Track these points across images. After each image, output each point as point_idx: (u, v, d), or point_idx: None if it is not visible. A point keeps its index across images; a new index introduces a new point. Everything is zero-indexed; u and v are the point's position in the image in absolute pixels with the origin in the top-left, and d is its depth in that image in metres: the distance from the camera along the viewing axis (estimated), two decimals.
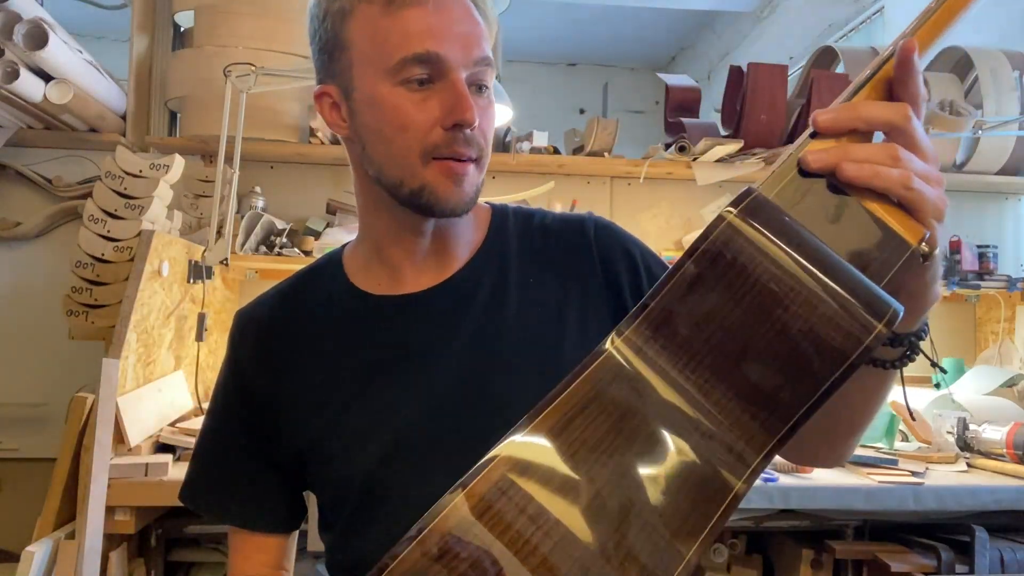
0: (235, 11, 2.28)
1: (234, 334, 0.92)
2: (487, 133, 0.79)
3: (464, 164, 0.77)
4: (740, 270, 0.54)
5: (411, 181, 0.77)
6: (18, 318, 2.36)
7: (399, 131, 0.76)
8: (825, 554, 1.86)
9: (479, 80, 0.78)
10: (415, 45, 0.74)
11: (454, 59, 0.75)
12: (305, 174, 2.53)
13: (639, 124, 5.15)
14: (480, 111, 0.77)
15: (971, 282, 2.45)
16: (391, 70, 0.75)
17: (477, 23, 0.78)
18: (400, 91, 0.76)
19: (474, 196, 0.80)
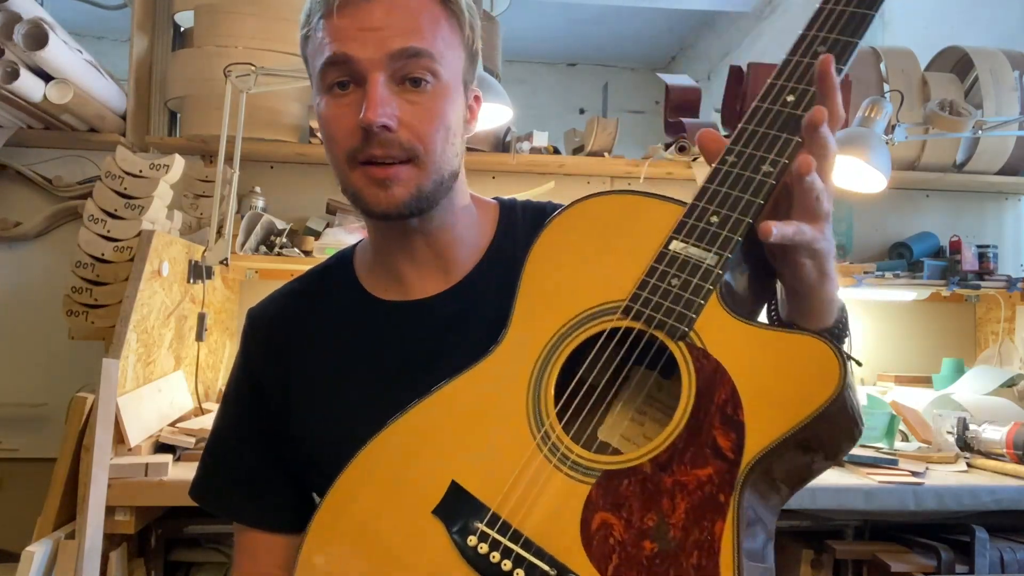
0: (235, 11, 2.28)
1: (246, 331, 0.92)
2: (420, 130, 0.76)
3: (386, 168, 0.76)
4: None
5: (347, 187, 0.80)
6: (18, 318, 2.36)
7: (330, 140, 0.79)
8: (825, 554, 1.86)
9: (408, 74, 0.76)
10: (326, 51, 0.76)
11: (365, 57, 0.74)
12: (305, 174, 2.53)
13: (639, 124, 5.15)
14: (412, 108, 0.75)
15: (971, 282, 2.45)
16: (318, 80, 0.78)
17: (406, 16, 0.75)
18: (328, 100, 0.78)
19: (413, 198, 0.78)
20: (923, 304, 2.68)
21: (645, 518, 0.61)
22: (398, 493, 0.70)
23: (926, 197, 2.78)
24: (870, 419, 2.10)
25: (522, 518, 0.65)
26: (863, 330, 2.72)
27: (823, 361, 0.61)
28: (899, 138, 2.14)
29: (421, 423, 0.72)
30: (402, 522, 0.69)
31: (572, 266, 0.74)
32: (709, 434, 0.62)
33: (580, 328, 0.70)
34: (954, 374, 2.49)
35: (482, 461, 0.69)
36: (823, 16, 0.76)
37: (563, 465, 0.65)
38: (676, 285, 0.67)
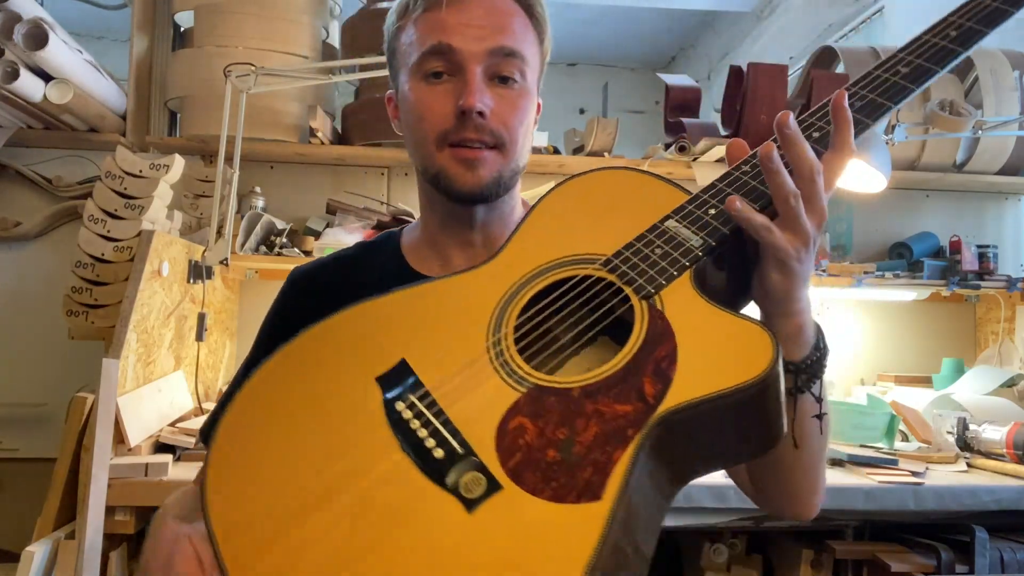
0: (235, 11, 2.28)
1: (285, 287, 0.98)
2: (508, 121, 0.84)
3: (476, 151, 0.83)
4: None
5: (431, 167, 0.86)
6: (18, 318, 2.36)
7: (419, 121, 0.85)
8: (825, 554, 1.86)
9: (499, 71, 0.83)
10: (430, 40, 0.83)
11: (466, 50, 0.82)
12: (305, 174, 2.53)
13: (639, 124, 5.15)
14: (501, 100, 0.83)
15: (971, 282, 2.45)
16: (414, 67, 0.84)
17: (503, 17, 0.84)
18: (421, 85, 0.84)
19: (494, 181, 0.85)
20: (923, 304, 2.68)
21: (557, 431, 0.67)
22: (351, 356, 0.76)
23: (926, 197, 2.78)
24: (870, 419, 2.10)
25: (450, 402, 0.70)
26: (863, 330, 2.72)
27: (759, 348, 0.66)
28: (899, 138, 2.14)
29: (393, 307, 0.79)
30: (345, 379, 0.74)
31: (572, 220, 0.80)
32: (639, 379, 0.68)
33: (560, 268, 0.76)
34: (954, 374, 2.49)
35: (434, 352, 0.75)
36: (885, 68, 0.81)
37: (502, 370, 0.71)
38: (658, 254, 0.73)
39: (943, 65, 0.78)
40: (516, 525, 0.63)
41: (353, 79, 2.48)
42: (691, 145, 2.42)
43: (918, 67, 0.78)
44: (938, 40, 0.79)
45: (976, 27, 0.78)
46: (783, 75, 2.47)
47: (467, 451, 0.67)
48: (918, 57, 0.79)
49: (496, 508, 0.64)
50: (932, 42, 0.79)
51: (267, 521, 0.67)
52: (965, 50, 0.78)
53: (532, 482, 0.64)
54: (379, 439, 0.70)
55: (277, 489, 0.69)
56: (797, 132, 0.70)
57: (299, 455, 0.70)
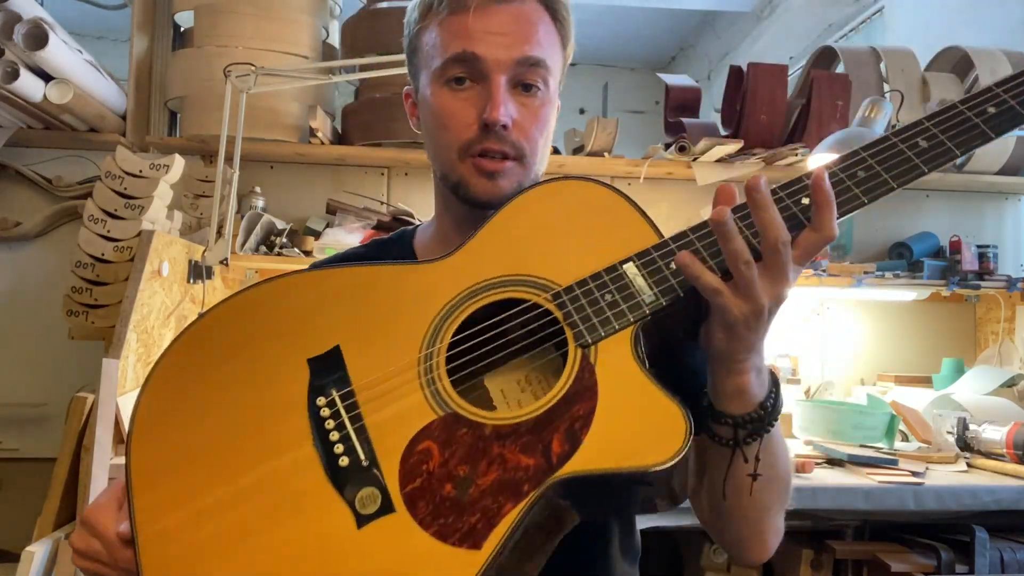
0: (235, 11, 2.28)
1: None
2: (529, 132, 0.84)
3: (497, 162, 0.83)
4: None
5: (452, 175, 0.86)
6: (18, 318, 2.36)
7: (441, 128, 0.85)
8: (825, 554, 1.86)
9: (524, 80, 0.83)
10: (455, 46, 0.82)
11: (492, 58, 0.81)
12: (305, 174, 2.53)
13: (639, 124, 5.15)
14: (524, 111, 0.83)
15: (971, 282, 2.45)
16: (437, 71, 0.84)
17: (529, 25, 0.83)
18: (444, 91, 0.84)
19: (514, 192, 0.83)
20: (923, 304, 2.68)
21: (459, 466, 0.68)
22: (291, 328, 0.77)
23: (926, 197, 2.78)
24: (870, 419, 2.10)
25: (372, 410, 0.72)
26: (863, 330, 2.73)
27: (671, 434, 0.66)
28: None
29: (342, 284, 0.79)
30: (280, 351, 0.76)
31: (535, 233, 0.78)
32: (550, 434, 0.68)
33: (510, 287, 0.75)
34: (954, 374, 2.49)
35: (369, 347, 0.75)
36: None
37: (427, 388, 0.72)
38: (607, 301, 0.72)
39: (942, 159, 0.71)
40: (396, 553, 0.66)
41: (353, 79, 2.48)
42: (691, 145, 2.42)
43: (927, 151, 0.72)
44: (951, 127, 0.72)
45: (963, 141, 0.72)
46: (783, 75, 2.47)
47: (371, 464, 0.69)
48: (927, 139, 0.72)
49: (383, 530, 0.67)
50: (936, 132, 0.72)
51: (179, 482, 0.71)
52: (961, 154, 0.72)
53: (423, 513, 0.66)
54: (296, 426, 0.72)
55: (196, 449, 0.72)
56: (766, 198, 0.68)
57: (222, 420, 0.73)
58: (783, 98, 2.46)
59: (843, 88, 2.46)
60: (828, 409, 2.19)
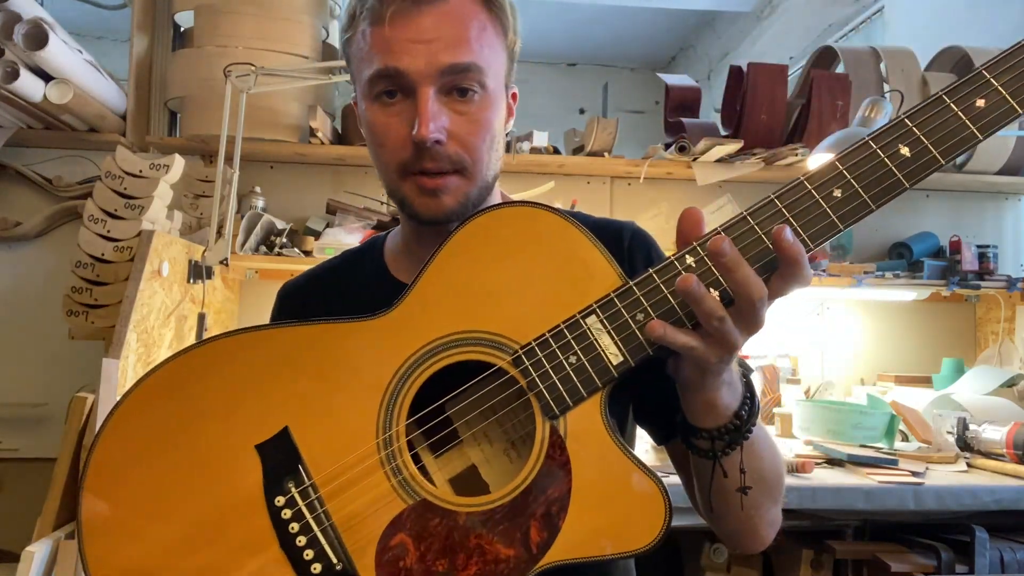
0: (235, 11, 2.28)
1: (275, 306, 0.97)
2: (468, 141, 0.78)
3: (437, 179, 0.78)
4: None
5: (396, 193, 0.82)
6: (18, 318, 2.36)
7: (378, 147, 0.80)
8: (825, 554, 1.86)
9: (457, 85, 0.77)
10: (376, 62, 0.76)
11: (415, 71, 0.75)
12: (305, 174, 2.53)
13: (639, 124, 5.15)
14: (460, 119, 0.77)
15: (971, 282, 2.45)
16: (366, 87, 0.79)
17: (456, 25, 0.76)
18: (376, 107, 0.79)
19: (461, 206, 0.80)
20: (923, 304, 2.68)
21: (438, 561, 0.65)
22: (234, 406, 0.69)
23: (926, 197, 2.78)
24: (870, 419, 2.10)
25: (337, 505, 0.67)
26: (863, 330, 2.72)
27: (650, 516, 0.64)
28: None
29: (283, 348, 0.71)
30: (224, 434, 0.69)
31: (491, 272, 0.70)
32: (527, 521, 0.65)
33: (465, 347, 0.69)
34: (954, 374, 2.49)
35: (321, 425, 0.69)
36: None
37: (392, 476, 0.67)
38: (572, 364, 0.67)
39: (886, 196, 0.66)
40: None
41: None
42: (691, 145, 2.42)
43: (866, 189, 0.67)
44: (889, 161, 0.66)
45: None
46: (783, 75, 2.47)
47: (345, 567, 0.66)
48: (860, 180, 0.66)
49: None
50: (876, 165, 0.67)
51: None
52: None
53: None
54: (259, 527, 0.67)
55: (160, 554, 0.67)
56: (734, 258, 0.64)
57: (178, 522, 0.67)
58: (783, 98, 2.46)
59: (843, 88, 2.46)
60: (828, 409, 2.19)
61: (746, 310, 0.65)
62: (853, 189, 0.65)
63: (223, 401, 0.70)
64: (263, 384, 0.70)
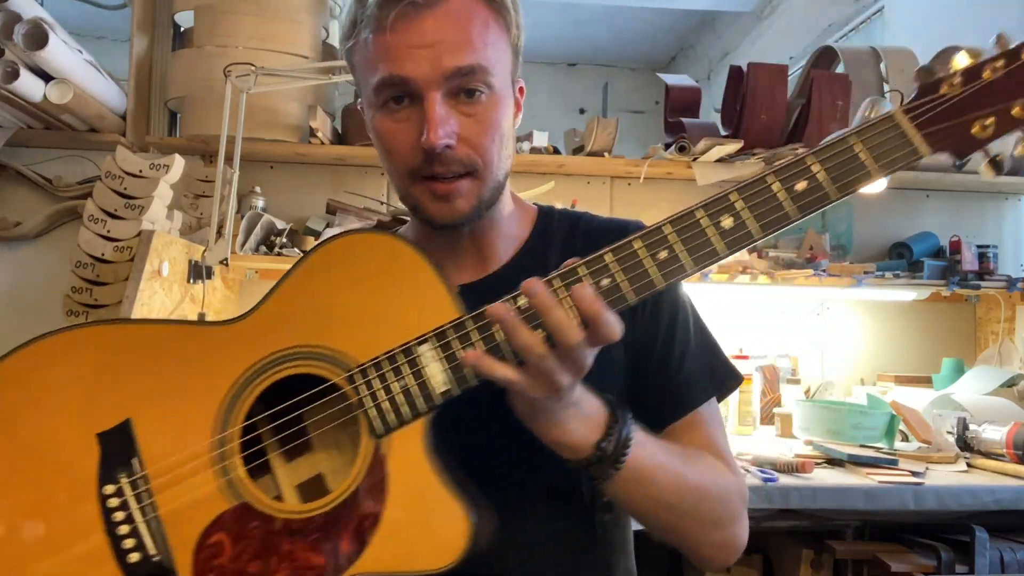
0: (235, 11, 2.28)
1: None
2: (478, 142, 0.78)
3: (448, 183, 0.78)
4: None
5: (407, 198, 0.82)
6: (18, 318, 2.36)
7: (388, 154, 0.81)
8: (825, 554, 1.86)
9: (464, 87, 0.77)
10: (381, 70, 0.76)
11: (420, 77, 0.75)
12: (305, 174, 2.53)
13: (639, 124, 5.15)
14: (468, 121, 0.77)
15: (971, 282, 2.45)
16: (372, 96, 0.79)
17: (458, 27, 0.75)
18: (383, 115, 0.79)
19: (474, 208, 0.81)
20: (923, 304, 2.68)
21: (251, 563, 0.68)
22: (81, 393, 0.73)
23: (926, 197, 2.78)
24: (870, 419, 2.10)
25: (166, 498, 0.70)
26: (863, 330, 2.72)
27: (452, 538, 0.67)
28: None
29: (139, 343, 0.74)
30: (69, 421, 0.72)
31: (342, 293, 0.73)
32: (339, 533, 0.68)
33: (308, 360, 0.72)
34: (954, 374, 2.49)
35: (162, 420, 0.72)
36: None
37: (221, 476, 0.70)
38: (399, 388, 0.69)
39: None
40: None
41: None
42: (691, 145, 2.42)
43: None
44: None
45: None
46: (783, 75, 2.47)
47: (162, 558, 0.69)
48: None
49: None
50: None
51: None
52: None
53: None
54: (87, 513, 0.70)
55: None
56: (546, 302, 0.65)
57: (8, 502, 0.71)
58: (783, 98, 2.46)
59: (843, 88, 2.46)
60: (828, 409, 2.19)
61: (564, 353, 0.65)
62: (678, 251, 0.69)
63: (73, 389, 0.73)
64: (116, 376, 0.73)
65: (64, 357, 0.74)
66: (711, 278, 2.30)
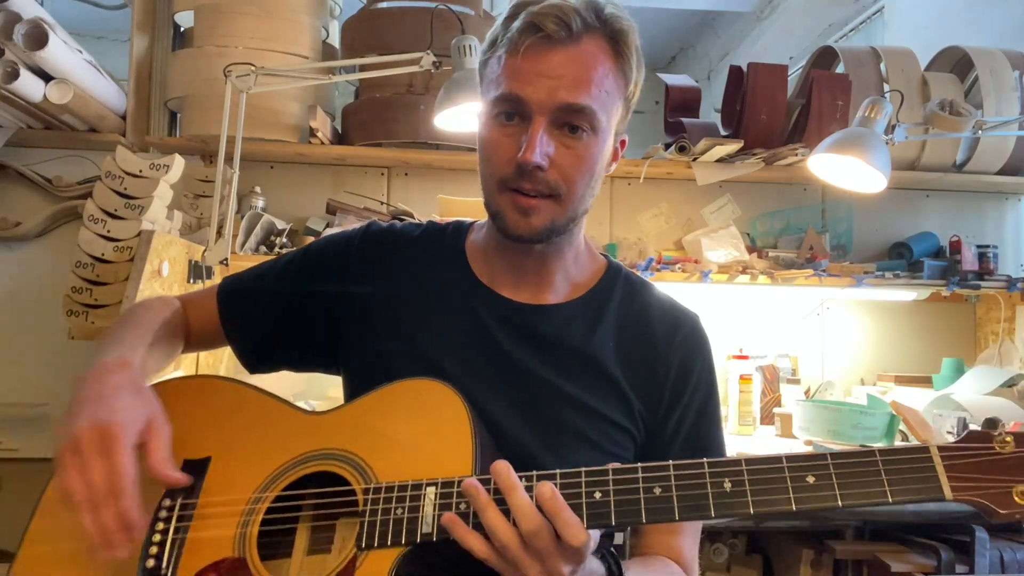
0: (235, 11, 2.28)
1: (358, 236, 1.02)
2: (569, 174, 0.85)
3: (531, 199, 0.85)
4: None
5: (492, 204, 0.89)
6: (18, 318, 2.36)
7: (485, 160, 0.88)
8: (825, 554, 1.86)
9: (569, 122, 0.83)
10: (503, 86, 0.85)
11: (535, 101, 0.83)
12: (305, 174, 2.53)
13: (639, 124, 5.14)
14: (565, 152, 0.84)
15: (971, 282, 2.45)
16: (489, 105, 0.87)
17: (583, 67, 0.83)
18: (492, 123, 0.87)
19: (547, 229, 0.87)
20: (923, 304, 2.68)
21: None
22: (188, 425, 0.87)
23: (926, 197, 2.78)
24: (870, 419, 2.10)
25: (197, 526, 0.82)
26: (863, 330, 2.73)
27: None
28: (899, 138, 2.14)
29: (246, 403, 0.91)
30: (175, 444, 0.83)
31: (391, 420, 0.84)
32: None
33: (344, 464, 0.82)
34: (954, 374, 2.49)
35: (231, 466, 0.86)
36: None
37: (240, 527, 0.81)
38: (396, 514, 0.76)
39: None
40: None
41: (353, 79, 2.48)
42: (691, 145, 2.42)
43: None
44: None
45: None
46: (783, 75, 2.47)
47: (167, 575, 0.79)
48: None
49: None
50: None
51: (61, 523, 0.85)
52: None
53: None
54: (143, 516, 0.78)
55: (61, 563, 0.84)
56: (509, 482, 0.68)
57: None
58: (783, 98, 2.46)
59: (843, 88, 2.46)
60: (828, 409, 2.19)
61: (529, 542, 0.67)
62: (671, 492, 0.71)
63: (187, 420, 0.88)
64: (217, 422, 0.90)
65: (191, 394, 0.92)
66: (712, 278, 2.30)
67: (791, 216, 2.69)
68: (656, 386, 0.92)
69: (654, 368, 0.92)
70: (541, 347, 0.91)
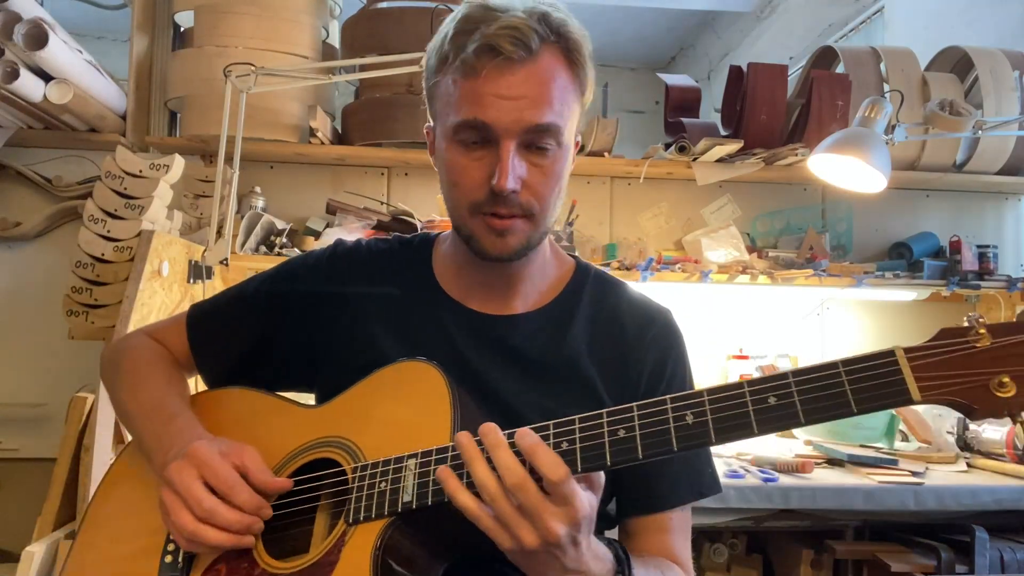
0: (235, 11, 2.28)
1: (326, 253, 1.02)
2: (540, 192, 0.85)
3: (506, 221, 0.84)
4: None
5: (463, 228, 0.88)
6: (18, 318, 2.36)
7: (453, 185, 0.87)
8: (825, 554, 1.86)
9: (536, 143, 0.83)
10: (466, 111, 0.82)
11: (501, 126, 0.82)
12: (305, 174, 2.53)
13: (639, 124, 5.15)
14: (535, 171, 0.84)
15: (971, 282, 2.45)
16: (449, 130, 0.85)
17: (543, 85, 0.82)
18: (457, 149, 0.85)
19: (523, 246, 0.87)
20: (923, 304, 2.68)
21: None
22: (215, 423, 0.93)
23: (926, 197, 2.78)
24: (870, 419, 2.10)
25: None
26: (863, 330, 2.72)
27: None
28: (899, 138, 2.14)
29: (256, 403, 0.96)
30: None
31: (381, 403, 0.86)
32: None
33: (339, 449, 0.86)
34: None
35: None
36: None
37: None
38: (379, 489, 0.77)
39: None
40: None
41: (353, 79, 2.48)
42: (691, 145, 2.42)
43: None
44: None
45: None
46: (783, 75, 2.47)
47: (184, 567, 0.83)
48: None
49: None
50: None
51: (104, 534, 0.94)
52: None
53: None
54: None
55: (117, 513, 0.94)
56: (495, 439, 0.69)
57: (134, 491, 0.94)
58: (783, 98, 2.46)
59: (843, 88, 2.46)
60: None
61: (518, 497, 0.67)
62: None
63: (213, 419, 0.94)
64: (239, 420, 0.95)
65: (220, 401, 0.98)
66: (712, 278, 2.30)
67: (791, 216, 2.69)
68: (631, 383, 0.92)
69: (628, 365, 0.93)
70: (511, 358, 0.91)
